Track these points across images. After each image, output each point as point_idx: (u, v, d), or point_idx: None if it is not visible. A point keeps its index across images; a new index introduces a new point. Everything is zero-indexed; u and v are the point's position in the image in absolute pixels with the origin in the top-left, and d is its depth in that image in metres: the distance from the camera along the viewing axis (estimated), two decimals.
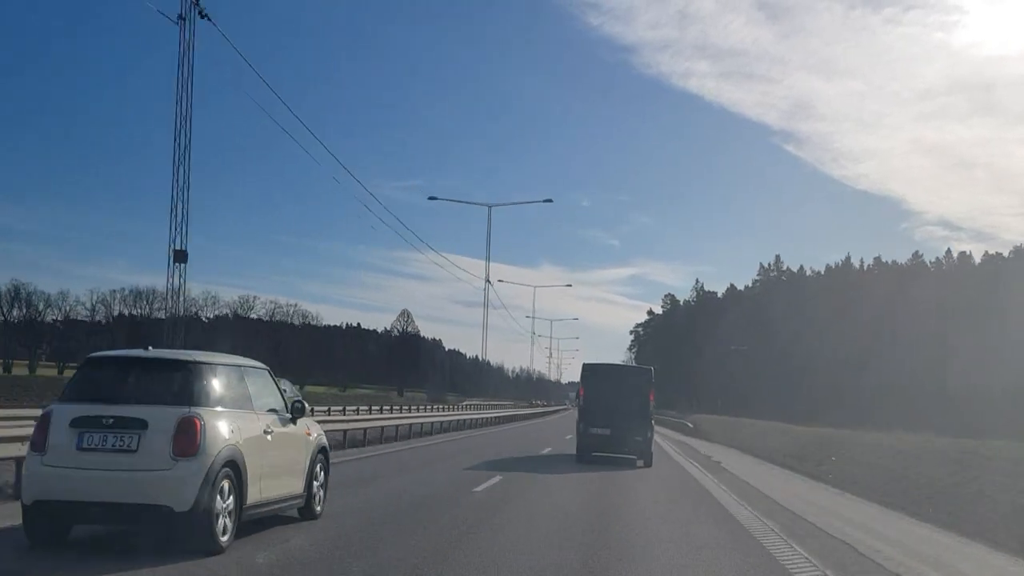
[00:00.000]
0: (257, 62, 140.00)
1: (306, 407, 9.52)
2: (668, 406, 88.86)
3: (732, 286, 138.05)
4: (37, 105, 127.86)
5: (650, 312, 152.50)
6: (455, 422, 36.52)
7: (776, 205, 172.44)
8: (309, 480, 9.17)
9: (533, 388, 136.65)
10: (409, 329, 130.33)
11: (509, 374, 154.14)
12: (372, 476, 14.94)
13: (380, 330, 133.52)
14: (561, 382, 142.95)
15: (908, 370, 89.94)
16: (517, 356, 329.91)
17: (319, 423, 11.07)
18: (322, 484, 9.61)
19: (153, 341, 14.15)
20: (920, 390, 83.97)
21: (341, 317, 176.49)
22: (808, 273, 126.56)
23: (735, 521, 11.22)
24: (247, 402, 8.03)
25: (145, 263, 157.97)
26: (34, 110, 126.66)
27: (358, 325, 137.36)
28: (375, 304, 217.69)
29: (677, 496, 14.66)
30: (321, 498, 9.58)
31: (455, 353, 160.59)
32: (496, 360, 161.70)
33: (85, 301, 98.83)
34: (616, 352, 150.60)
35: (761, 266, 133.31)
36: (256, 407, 8.16)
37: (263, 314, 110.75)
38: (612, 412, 20.02)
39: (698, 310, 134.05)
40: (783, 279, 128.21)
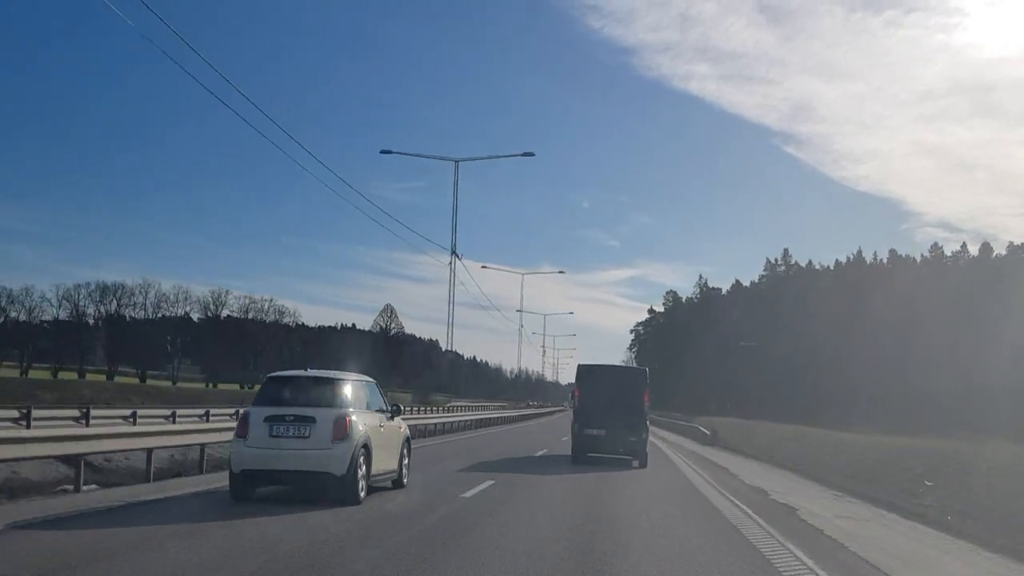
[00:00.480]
0: (257, 62, 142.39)
1: (401, 408, 13.36)
2: (672, 407, 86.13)
3: (737, 281, 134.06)
4: (37, 105, 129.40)
5: (651, 310, 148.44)
6: (452, 424, 36.09)
7: (777, 207, 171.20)
8: (400, 460, 12.99)
9: (532, 389, 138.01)
10: (392, 326, 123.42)
11: (508, 375, 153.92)
12: None
13: (372, 330, 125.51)
14: (560, 383, 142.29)
15: (926, 368, 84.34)
16: (516, 358, 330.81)
17: None
18: (407, 464, 13.39)
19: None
20: (938, 389, 79.23)
21: (337, 318, 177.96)
22: (817, 267, 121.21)
23: None
24: (369, 404, 11.87)
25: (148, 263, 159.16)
26: (34, 110, 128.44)
27: (342, 325, 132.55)
28: (373, 305, 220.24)
29: None
30: (406, 473, 13.34)
31: (452, 354, 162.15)
32: (495, 361, 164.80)
33: (51, 298, 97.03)
34: (616, 353, 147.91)
35: (768, 261, 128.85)
36: (373, 408, 12.00)
37: (236, 309, 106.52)
38: (607, 413, 20.12)
39: (701, 307, 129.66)
40: (791, 273, 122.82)
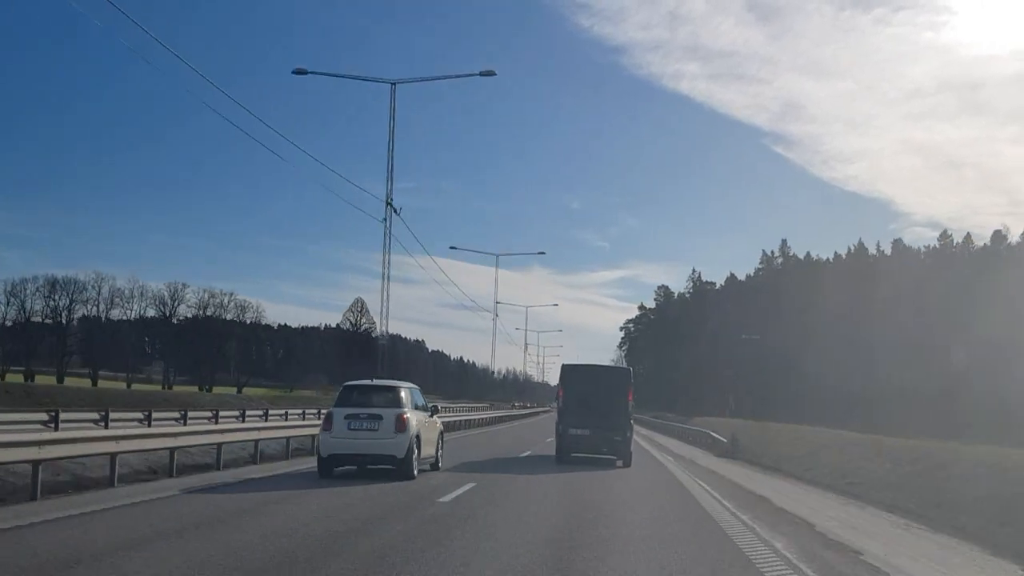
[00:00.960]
0: (257, 62, 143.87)
1: (439, 408, 17.40)
2: (664, 407, 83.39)
3: (732, 275, 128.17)
4: (37, 105, 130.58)
5: (641, 307, 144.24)
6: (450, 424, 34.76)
7: (766, 207, 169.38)
8: (437, 449, 16.88)
9: (519, 390, 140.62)
10: (363, 322, 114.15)
11: (496, 376, 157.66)
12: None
13: (339, 327, 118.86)
14: (548, 383, 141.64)
15: (931, 365, 77.79)
16: (504, 359, 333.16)
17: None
18: (441, 452, 17.29)
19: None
20: (950, 386, 71.34)
21: (321, 319, 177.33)
22: (815, 259, 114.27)
23: None
24: (416, 405, 15.81)
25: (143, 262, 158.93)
26: (34, 109, 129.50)
27: (325, 325, 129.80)
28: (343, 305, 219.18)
29: None
30: (441, 459, 17.17)
31: (438, 354, 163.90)
32: (482, 362, 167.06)
33: None
34: (606, 354, 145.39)
35: (764, 253, 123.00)
36: (419, 408, 15.93)
37: (195, 304, 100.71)
38: (591, 412, 20.24)
39: (694, 302, 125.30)
40: (791, 265, 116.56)
